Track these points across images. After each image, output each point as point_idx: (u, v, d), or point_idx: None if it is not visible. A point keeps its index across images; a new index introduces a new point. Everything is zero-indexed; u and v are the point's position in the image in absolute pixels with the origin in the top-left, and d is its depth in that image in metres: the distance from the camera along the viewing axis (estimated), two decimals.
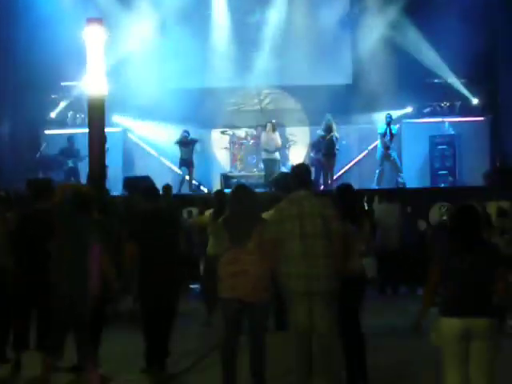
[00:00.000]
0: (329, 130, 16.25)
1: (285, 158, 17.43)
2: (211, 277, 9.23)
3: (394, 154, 16.40)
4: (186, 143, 16.45)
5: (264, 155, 16.45)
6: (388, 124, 16.21)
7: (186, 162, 16.50)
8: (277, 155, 16.38)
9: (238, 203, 6.45)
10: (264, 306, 6.30)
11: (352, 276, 6.44)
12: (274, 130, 16.35)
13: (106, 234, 7.24)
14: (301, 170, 6.57)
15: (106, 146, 15.04)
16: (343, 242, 6.15)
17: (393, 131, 16.23)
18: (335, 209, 6.22)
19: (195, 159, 16.79)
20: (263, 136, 16.43)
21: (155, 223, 7.25)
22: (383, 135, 16.27)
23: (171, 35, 18.33)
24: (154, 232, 7.14)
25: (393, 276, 12.65)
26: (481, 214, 5.30)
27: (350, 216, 6.72)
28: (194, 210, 12.69)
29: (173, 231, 7.40)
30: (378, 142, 16.59)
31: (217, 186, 16.00)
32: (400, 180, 16.24)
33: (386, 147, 16.24)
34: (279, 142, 16.57)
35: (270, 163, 16.25)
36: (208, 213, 9.95)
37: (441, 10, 17.25)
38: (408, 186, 16.26)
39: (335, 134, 16.25)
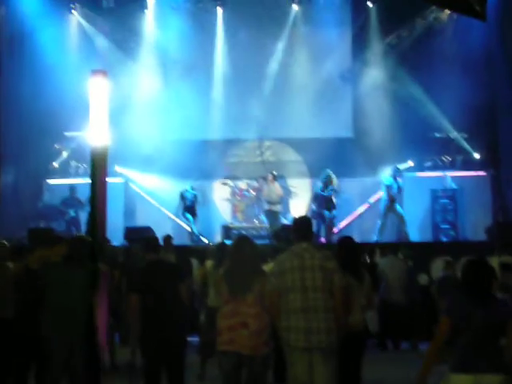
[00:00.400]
0: (326, 184, 16.29)
1: (286, 209, 17.42)
2: (211, 329, 9.18)
3: (399, 206, 16.39)
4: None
5: (266, 206, 16.48)
6: (395, 177, 16.24)
7: (191, 210, 16.58)
8: (278, 207, 16.40)
9: (238, 255, 6.42)
10: (264, 360, 6.22)
11: (354, 330, 6.37)
12: (275, 180, 16.41)
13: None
14: (302, 222, 6.55)
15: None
16: (345, 296, 6.11)
17: (399, 184, 16.26)
18: (336, 262, 6.19)
19: (198, 210, 16.84)
20: (265, 187, 16.48)
21: (156, 275, 7.18)
22: (389, 187, 16.27)
23: (173, 87, 18.54)
24: (155, 284, 7.08)
25: (395, 330, 12.52)
26: (492, 268, 5.27)
27: (352, 269, 6.69)
28: (195, 261, 12.61)
29: (174, 283, 7.32)
30: (382, 194, 16.57)
31: (217, 237, 15.96)
32: (406, 233, 16.22)
33: (392, 199, 16.23)
34: (281, 192, 16.62)
35: (271, 214, 16.26)
36: (209, 263, 9.90)
37: (442, 65, 17.48)
38: (410, 239, 16.23)
39: (334, 187, 16.27)
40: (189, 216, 16.62)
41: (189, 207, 16.61)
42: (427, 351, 5.40)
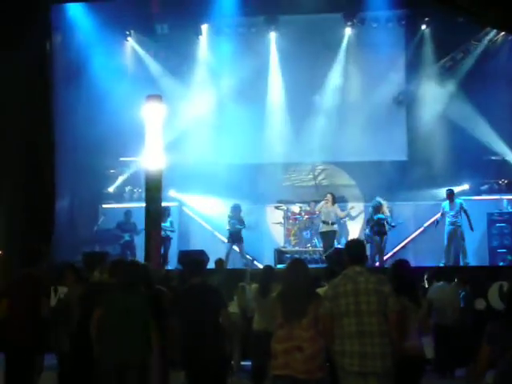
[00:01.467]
0: (375, 211, 16.19)
1: (339, 233, 17.31)
2: (258, 353, 9.15)
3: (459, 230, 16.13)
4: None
5: (322, 228, 16.32)
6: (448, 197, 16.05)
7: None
8: (335, 227, 16.26)
9: (292, 278, 6.39)
10: None
11: (411, 355, 6.28)
12: (334, 201, 16.30)
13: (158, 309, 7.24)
14: (356, 245, 6.51)
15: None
16: (400, 320, 6.03)
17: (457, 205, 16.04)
18: (391, 285, 6.12)
19: (250, 234, 16.84)
20: (323, 208, 16.33)
21: (195, 298, 7.21)
22: (446, 212, 16.11)
23: (227, 111, 18.68)
24: (192, 307, 7.10)
25: (450, 357, 12.27)
26: None
27: (408, 292, 6.60)
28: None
29: (216, 307, 7.30)
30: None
31: (270, 261, 15.91)
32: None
33: (453, 224, 16.05)
34: (340, 212, 16.50)
35: (327, 236, 16.12)
36: (254, 287, 9.86)
37: (497, 87, 17.28)
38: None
39: (385, 214, 16.13)
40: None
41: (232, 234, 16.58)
42: (467, 377, 5.29)
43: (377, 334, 5.86)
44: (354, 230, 17.79)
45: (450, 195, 16.07)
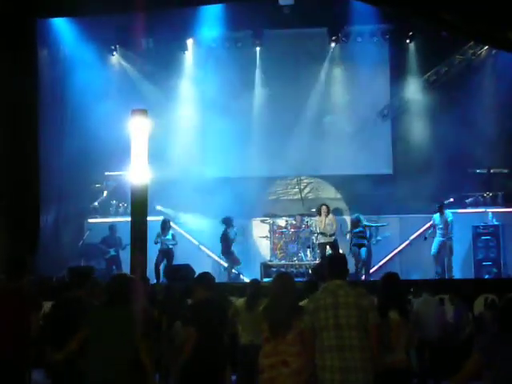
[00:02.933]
0: (353, 225, 16.35)
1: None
2: (244, 366, 9.12)
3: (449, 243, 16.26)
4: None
5: (320, 239, 16.26)
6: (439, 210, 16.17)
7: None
8: (333, 238, 16.22)
9: (278, 292, 6.37)
10: None
11: (398, 368, 6.27)
12: (328, 212, 16.26)
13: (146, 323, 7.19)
14: (336, 259, 6.52)
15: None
16: (380, 334, 6.01)
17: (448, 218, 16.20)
18: (371, 299, 6.11)
19: (236, 248, 16.85)
20: (318, 220, 16.29)
21: (209, 312, 7.20)
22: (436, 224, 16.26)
23: (212, 125, 18.68)
24: (208, 320, 7.10)
25: (434, 369, 12.22)
26: None
27: (396, 305, 6.60)
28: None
29: (222, 321, 7.32)
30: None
31: (256, 275, 15.88)
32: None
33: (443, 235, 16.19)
34: (336, 224, 16.47)
35: (326, 246, 16.13)
36: (241, 300, 9.82)
37: (481, 100, 17.42)
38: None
39: (362, 228, 16.25)
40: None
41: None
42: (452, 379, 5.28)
43: (357, 348, 5.82)
44: (340, 244, 17.71)
45: (441, 208, 16.18)
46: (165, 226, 16.47)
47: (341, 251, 15.19)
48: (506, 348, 4.91)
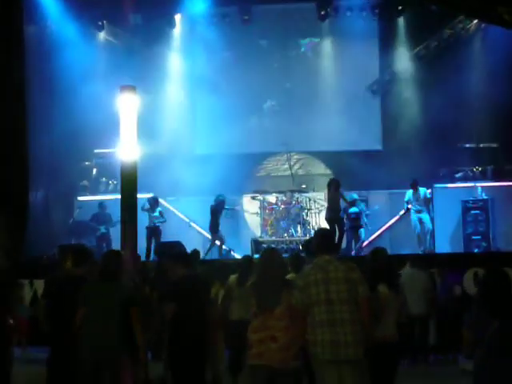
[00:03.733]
0: (350, 205, 16.29)
1: (315, 223, 17.34)
2: (235, 342, 9.17)
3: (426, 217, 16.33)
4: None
5: (329, 214, 15.87)
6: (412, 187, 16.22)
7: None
8: (341, 214, 16.06)
9: (266, 267, 6.37)
10: (294, 373, 6.12)
11: (387, 342, 6.30)
12: (337, 187, 16.01)
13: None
14: (324, 235, 6.52)
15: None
16: (370, 306, 6.04)
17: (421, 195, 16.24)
18: (361, 273, 6.12)
19: (227, 224, 16.84)
20: (328, 194, 16.08)
21: (192, 289, 7.23)
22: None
23: (201, 101, 18.65)
24: (190, 298, 7.12)
25: (423, 342, 12.30)
26: (510, 280, 5.14)
27: (388, 281, 6.62)
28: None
29: (206, 298, 7.39)
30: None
31: (247, 251, 15.91)
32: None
33: (417, 211, 16.25)
34: (346, 199, 16.34)
35: (334, 222, 15.93)
36: (233, 277, 9.86)
37: (471, 74, 17.43)
38: (441, 251, 16.11)
39: (358, 208, 16.23)
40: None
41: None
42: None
43: (348, 322, 5.85)
44: None
45: (414, 185, 16.19)
46: (153, 202, 16.44)
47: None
48: (489, 322, 4.93)
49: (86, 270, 7.57)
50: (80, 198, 18.14)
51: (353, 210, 16.32)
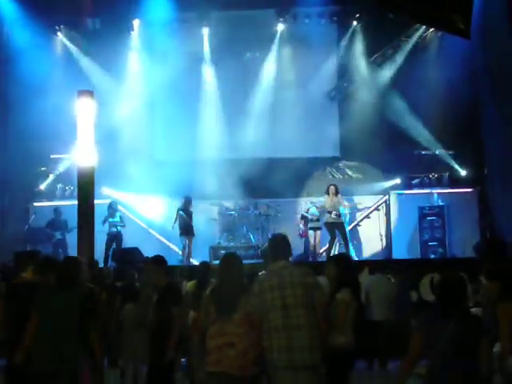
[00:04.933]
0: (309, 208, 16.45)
1: (273, 229, 17.37)
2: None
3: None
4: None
5: (328, 219, 15.85)
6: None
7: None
8: (342, 219, 16.11)
9: (225, 273, 6.34)
10: (253, 380, 6.08)
11: (344, 349, 6.31)
12: (337, 192, 16.11)
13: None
14: (278, 240, 6.46)
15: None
16: (328, 312, 6.04)
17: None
18: (316, 278, 6.12)
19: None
20: (327, 199, 16.04)
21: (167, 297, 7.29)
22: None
23: (161, 107, 18.58)
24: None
25: (380, 349, 12.36)
26: (466, 284, 5.22)
27: (352, 286, 6.64)
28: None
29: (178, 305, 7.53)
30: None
31: (205, 257, 15.85)
32: None
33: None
34: (345, 202, 16.33)
35: (333, 227, 15.85)
36: (191, 283, 9.81)
37: (427, 83, 17.59)
38: (398, 257, 16.24)
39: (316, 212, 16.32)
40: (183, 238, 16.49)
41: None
42: (400, 366, 5.37)
43: (305, 327, 5.82)
44: (288, 225, 17.68)
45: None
46: (112, 208, 16.31)
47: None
48: (442, 327, 4.99)
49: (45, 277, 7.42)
50: (36, 204, 17.90)
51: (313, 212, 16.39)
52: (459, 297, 5.10)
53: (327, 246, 15.89)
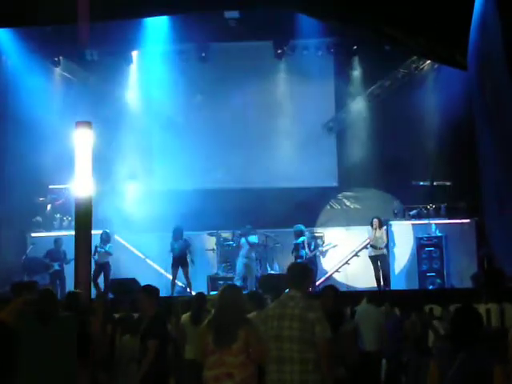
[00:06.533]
0: (296, 236, 16.45)
1: (271, 259, 17.33)
2: (189, 382, 9.05)
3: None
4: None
5: (371, 252, 16.17)
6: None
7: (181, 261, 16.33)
8: (385, 251, 16.23)
9: (224, 304, 6.29)
10: None
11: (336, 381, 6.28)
12: (381, 225, 16.22)
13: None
14: (294, 269, 6.35)
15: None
16: (330, 348, 5.96)
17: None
18: (321, 313, 6.00)
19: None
20: (371, 233, 16.26)
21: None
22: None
23: (158, 138, 18.67)
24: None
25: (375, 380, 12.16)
26: (479, 315, 5.23)
27: (333, 322, 6.59)
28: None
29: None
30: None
31: (203, 288, 15.79)
32: None
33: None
34: (385, 238, 16.41)
35: (378, 259, 16.11)
36: (186, 316, 9.74)
37: (424, 113, 17.72)
38: (396, 287, 16.19)
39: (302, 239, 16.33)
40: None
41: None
42: None
43: (297, 361, 5.73)
44: (284, 255, 17.57)
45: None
46: (105, 237, 16.28)
47: None
48: (455, 358, 4.97)
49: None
50: (33, 235, 17.86)
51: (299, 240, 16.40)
52: (471, 328, 5.09)
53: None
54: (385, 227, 16.46)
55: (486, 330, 9.82)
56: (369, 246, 16.40)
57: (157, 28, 18.01)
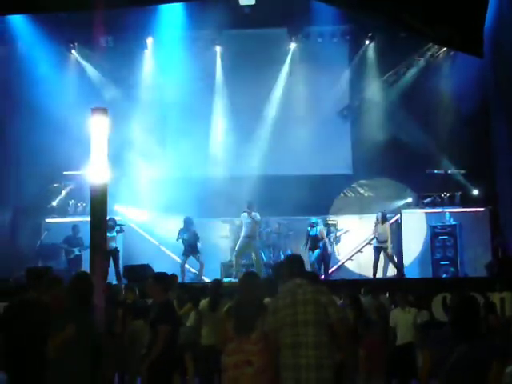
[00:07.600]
0: (310, 228, 16.48)
1: (284, 246, 17.35)
2: (206, 368, 9.11)
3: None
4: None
5: (375, 243, 16.44)
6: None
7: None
8: (387, 244, 16.33)
9: (245, 291, 6.32)
10: None
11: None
12: (384, 221, 16.32)
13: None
14: (294, 259, 6.45)
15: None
16: (349, 328, 6.00)
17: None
18: (331, 295, 6.09)
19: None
20: (374, 226, 16.41)
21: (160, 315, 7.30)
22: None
23: (173, 124, 18.66)
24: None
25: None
26: (480, 306, 5.21)
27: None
28: None
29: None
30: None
31: (217, 275, 15.82)
32: None
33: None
34: (388, 233, 16.46)
35: (381, 250, 16.32)
36: (204, 301, 9.79)
37: (439, 101, 17.62)
38: (409, 276, 16.18)
39: (318, 230, 16.34)
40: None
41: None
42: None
43: (312, 345, 5.75)
44: (298, 244, 17.60)
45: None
46: (109, 224, 16.31)
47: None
48: (453, 346, 4.97)
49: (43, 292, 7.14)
50: (48, 220, 17.94)
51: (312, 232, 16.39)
52: (472, 318, 5.08)
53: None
54: (388, 222, 16.48)
55: (500, 320, 9.86)
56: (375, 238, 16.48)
57: (172, 14, 18.03)
